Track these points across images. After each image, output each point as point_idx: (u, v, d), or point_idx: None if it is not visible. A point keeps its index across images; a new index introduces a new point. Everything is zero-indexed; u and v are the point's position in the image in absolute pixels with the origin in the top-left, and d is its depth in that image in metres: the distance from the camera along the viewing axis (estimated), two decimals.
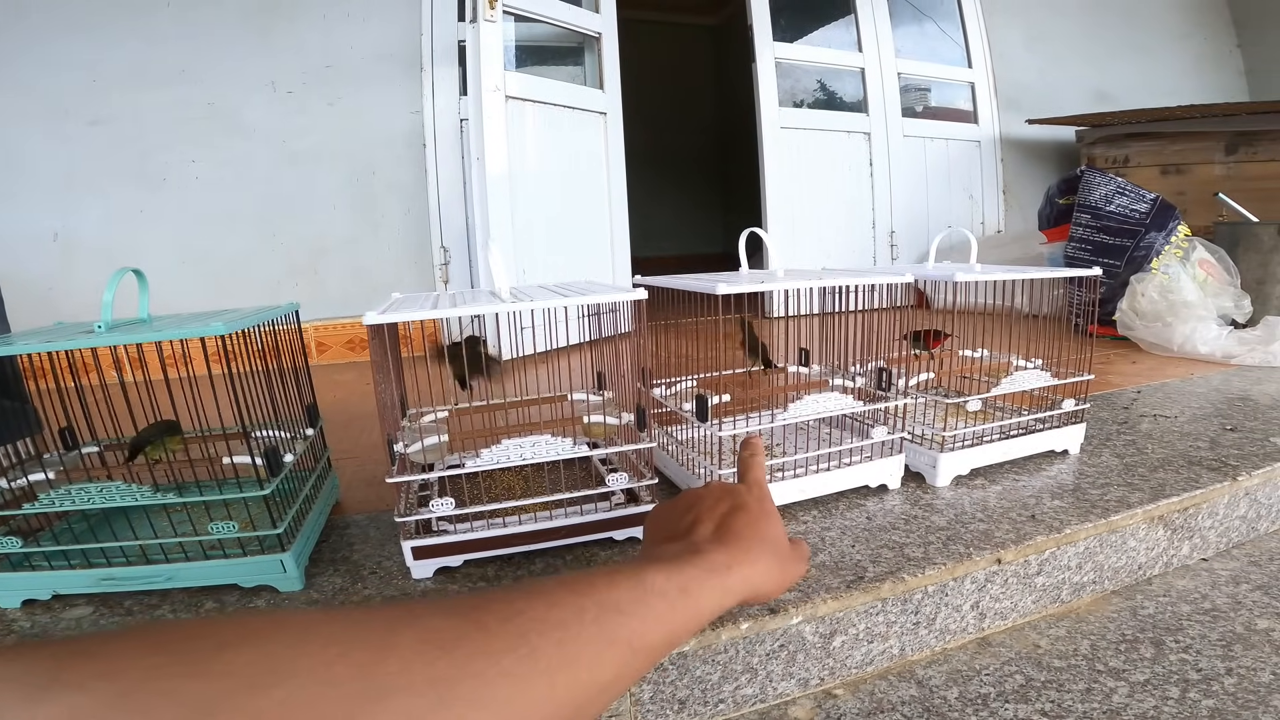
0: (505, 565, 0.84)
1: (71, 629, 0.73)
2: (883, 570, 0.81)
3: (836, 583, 0.78)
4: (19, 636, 0.72)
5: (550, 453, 0.78)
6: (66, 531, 0.87)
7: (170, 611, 0.76)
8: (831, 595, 0.76)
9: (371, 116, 2.61)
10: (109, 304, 0.77)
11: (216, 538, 0.76)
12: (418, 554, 0.79)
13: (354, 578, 0.82)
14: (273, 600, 0.78)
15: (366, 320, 0.70)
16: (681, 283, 0.91)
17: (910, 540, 0.88)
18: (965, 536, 0.88)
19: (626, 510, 0.85)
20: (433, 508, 0.77)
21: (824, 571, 0.81)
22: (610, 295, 0.77)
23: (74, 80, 2.30)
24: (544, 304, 0.75)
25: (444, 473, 0.79)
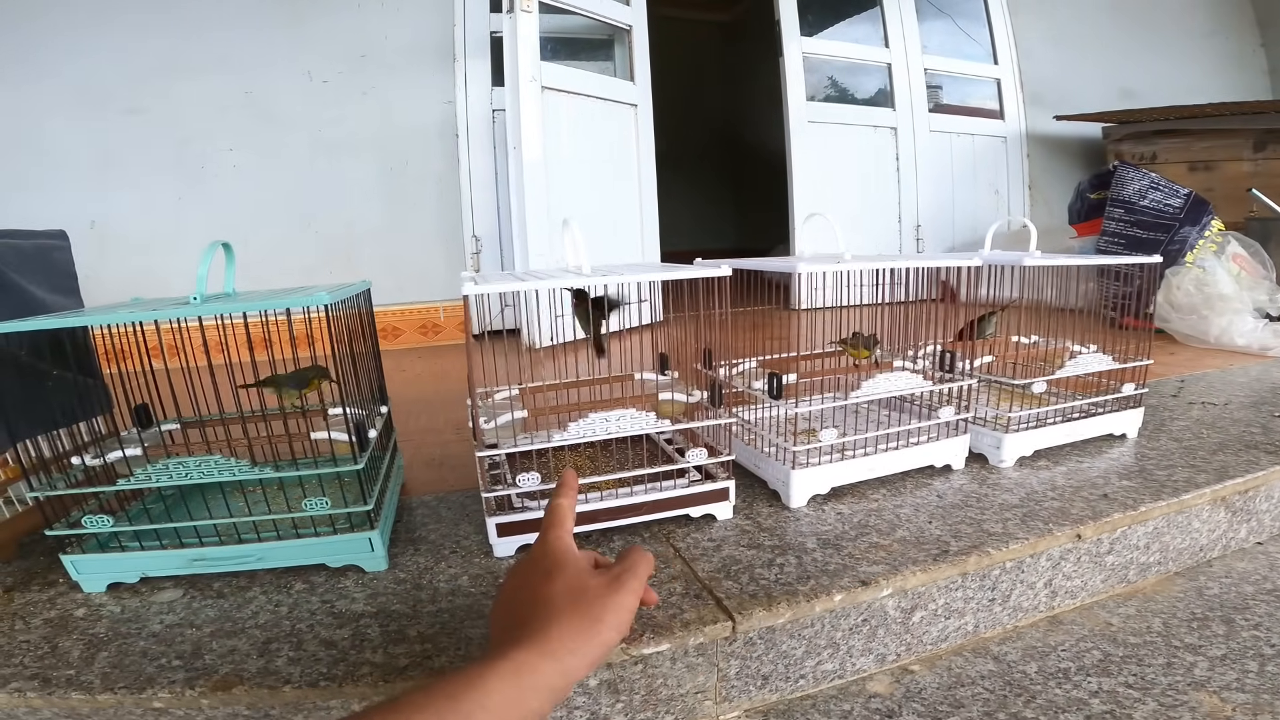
0: (584, 541, 0.85)
1: (164, 613, 0.73)
2: (965, 545, 0.82)
3: (922, 556, 0.80)
4: (110, 622, 0.71)
5: (634, 426, 0.79)
6: (142, 513, 0.89)
7: (261, 593, 0.76)
8: (919, 568, 0.77)
9: (404, 107, 2.62)
10: (204, 276, 0.78)
11: (310, 514, 0.76)
12: (501, 530, 0.80)
13: (435, 557, 0.83)
14: (360, 580, 0.78)
15: (465, 291, 0.71)
16: (761, 264, 0.92)
17: (986, 516, 0.89)
18: (1041, 513, 0.90)
19: (704, 486, 0.87)
20: (519, 482, 0.79)
21: (906, 546, 0.82)
22: (696, 272, 0.78)
23: (111, 70, 2.32)
24: (639, 277, 0.76)
25: (527, 446, 0.80)
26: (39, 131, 2.28)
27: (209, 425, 0.93)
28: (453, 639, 0.66)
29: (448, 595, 0.74)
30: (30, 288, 0.91)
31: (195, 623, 0.71)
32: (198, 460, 0.73)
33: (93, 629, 0.70)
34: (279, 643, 0.66)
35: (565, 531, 0.59)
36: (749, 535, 0.86)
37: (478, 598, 0.74)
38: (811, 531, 0.87)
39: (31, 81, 2.27)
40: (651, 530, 0.87)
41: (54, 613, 0.74)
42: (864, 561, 0.79)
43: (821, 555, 0.81)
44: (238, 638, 0.68)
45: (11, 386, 0.77)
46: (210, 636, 0.68)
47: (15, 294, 0.89)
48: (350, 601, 0.74)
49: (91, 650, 0.66)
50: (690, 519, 0.89)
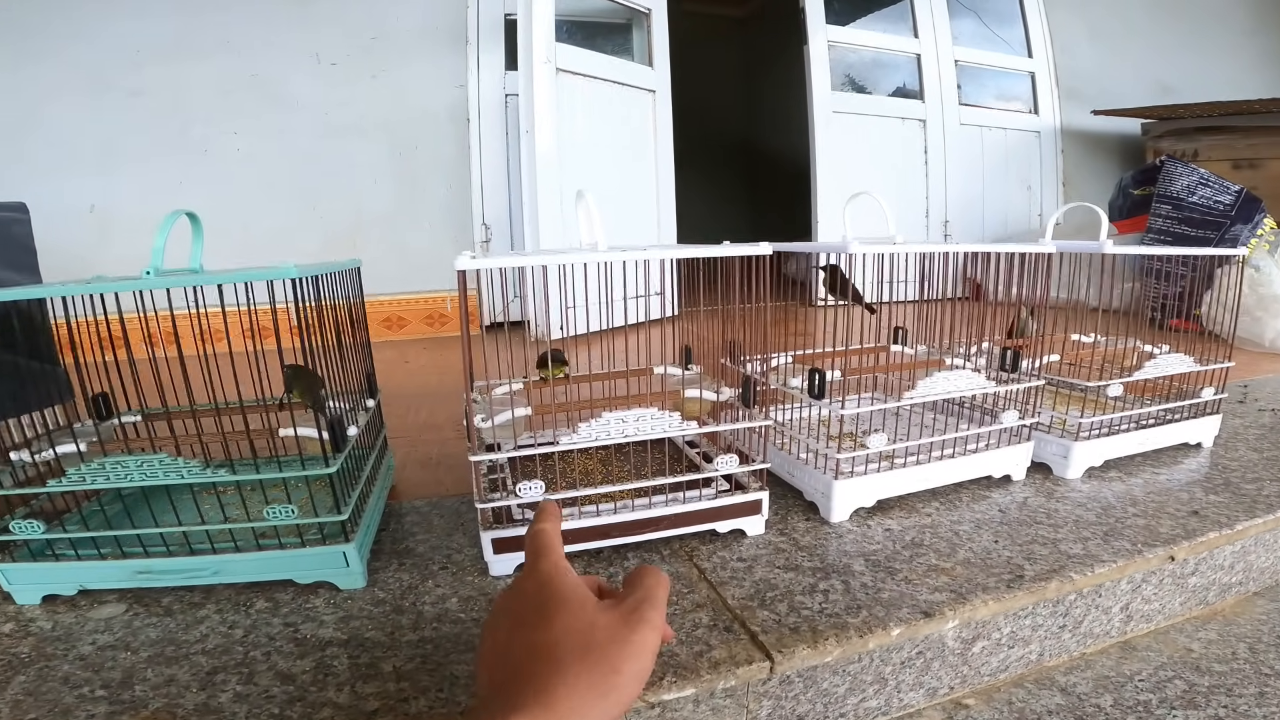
0: (595, 560, 0.74)
1: (99, 632, 0.63)
2: (1043, 569, 0.71)
3: (993, 582, 0.68)
4: (36, 641, 0.61)
5: (655, 429, 0.68)
6: (97, 514, 0.78)
7: (216, 612, 0.65)
8: (991, 597, 0.66)
9: (415, 90, 2.52)
10: (160, 249, 0.68)
11: (272, 524, 0.65)
12: (498, 547, 0.69)
13: (422, 573, 0.72)
14: (331, 599, 0.68)
15: (459, 265, 0.60)
16: (806, 246, 0.81)
17: (1062, 535, 0.78)
18: (1125, 532, 0.79)
19: (734, 498, 0.75)
20: (520, 492, 0.68)
21: (972, 569, 0.71)
22: (734, 251, 0.67)
23: (115, 52, 2.23)
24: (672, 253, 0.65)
25: (531, 449, 0.69)
26: (40, 113, 2.20)
27: (176, 418, 0.82)
28: (434, 677, 0.55)
29: (432, 621, 0.63)
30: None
31: (132, 645, 0.60)
32: (139, 460, 0.62)
33: (16, 647, 0.60)
34: (226, 674, 0.56)
35: (558, 557, 0.47)
36: (785, 555, 0.75)
37: (467, 625, 0.63)
38: (857, 551, 0.76)
39: (33, 63, 2.18)
40: (671, 547, 0.76)
41: None
42: (923, 588, 0.68)
43: (872, 580, 0.70)
44: (178, 665, 0.57)
45: None
46: (147, 662, 0.58)
47: None
48: (318, 625, 0.63)
49: (8, 673, 0.57)
50: (716, 534, 0.78)
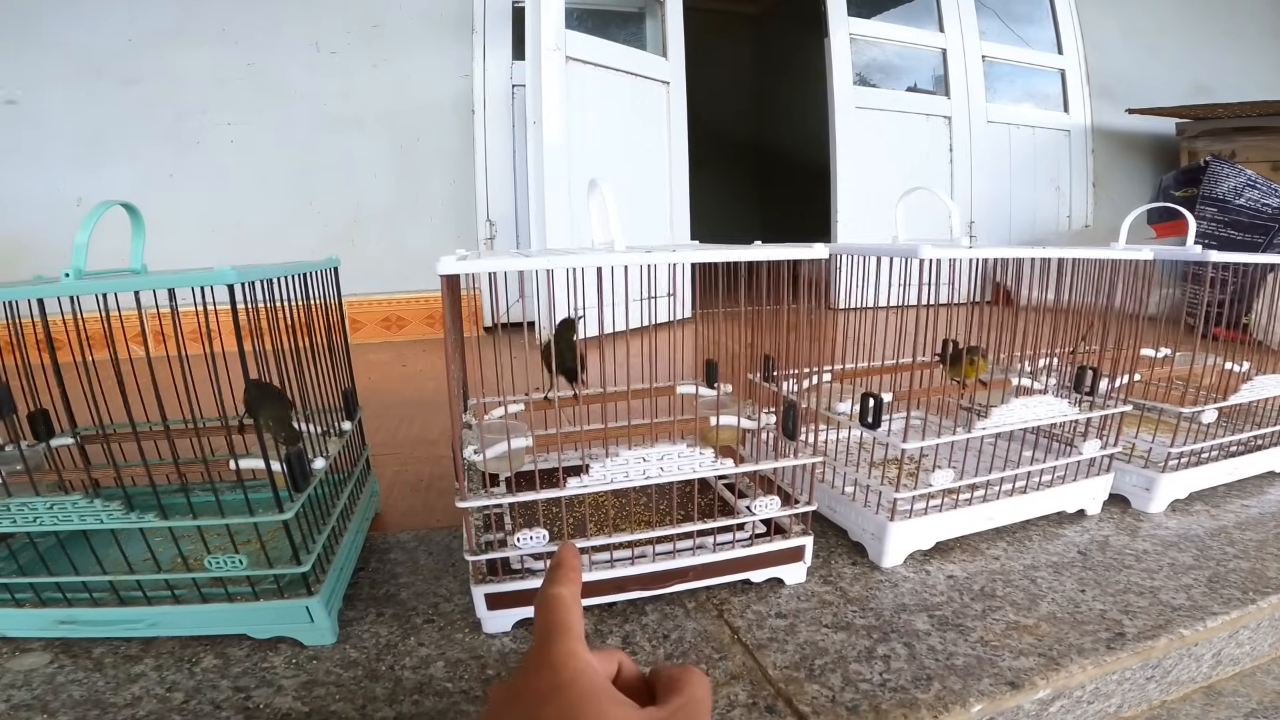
0: (608, 616, 0.62)
1: (15, 687, 0.53)
2: (1147, 625, 0.60)
3: (1088, 642, 0.58)
4: None
5: (683, 469, 0.56)
6: (9, 558, 0.67)
7: (153, 669, 0.55)
8: (1089, 661, 0.55)
9: (418, 80, 2.40)
10: (82, 246, 0.56)
11: (213, 574, 0.54)
12: (493, 602, 0.57)
13: (404, 627, 0.61)
14: (293, 657, 0.56)
15: (442, 269, 0.49)
16: (871, 249, 0.69)
17: (1159, 583, 0.67)
18: (1230, 577, 0.68)
19: (772, 545, 0.63)
20: (518, 542, 0.56)
21: (1060, 626, 0.60)
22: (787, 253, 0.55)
23: (107, 38, 2.12)
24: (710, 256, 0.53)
25: (529, 496, 0.56)
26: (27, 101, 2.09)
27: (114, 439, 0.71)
28: None
29: (412, 693, 0.52)
30: None
31: (50, 706, 0.50)
32: (48, 501, 0.51)
33: None
34: None
35: (581, 644, 0.35)
36: (833, 609, 0.63)
37: (454, 699, 0.51)
38: (918, 604, 0.64)
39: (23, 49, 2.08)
40: (698, 599, 0.64)
41: None
42: (1006, 652, 0.57)
43: (941, 642, 0.58)
44: None
45: None
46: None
47: None
48: (274, 691, 0.52)
49: None
50: (749, 583, 0.66)
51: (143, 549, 0.60)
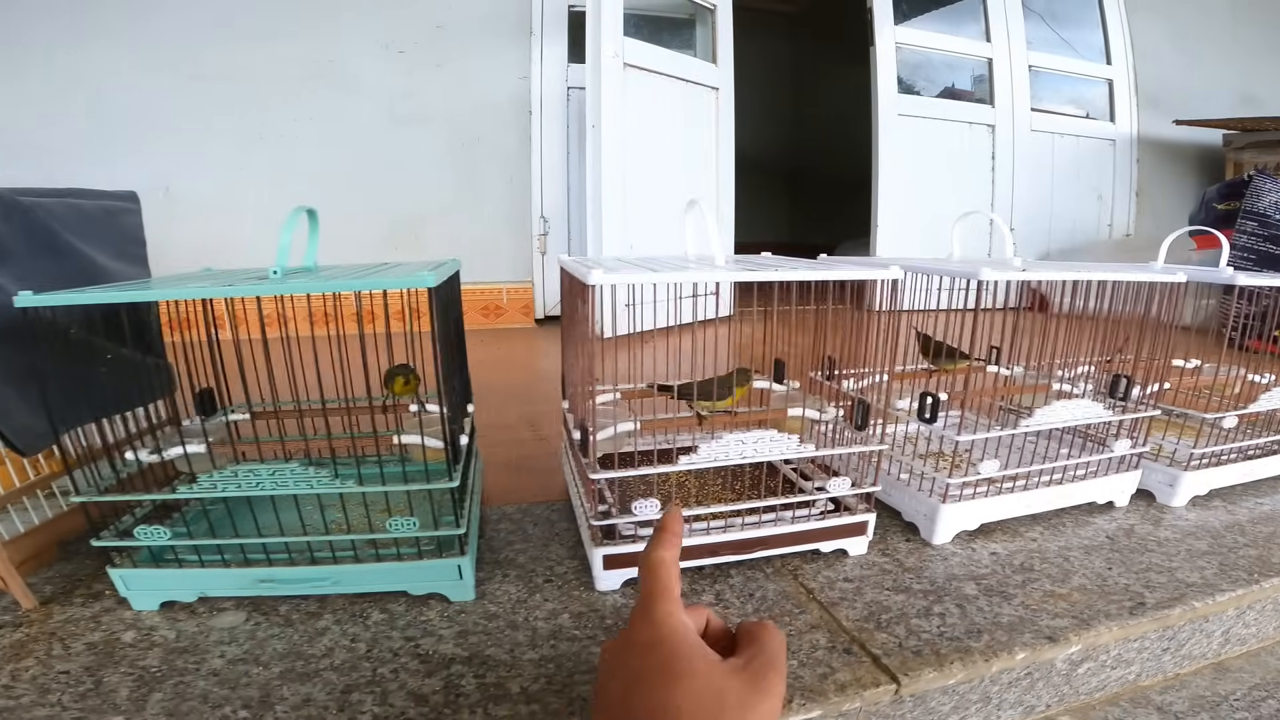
0: (700, 577, 0.72)
1: (225, 643, 0.62)
2: (1164, 597, 0.70)
3: (1114, 609, 0.68)
4: (163, 653, 0.60)
5: (774, 451, 0.67)
6: (200, 516, 0.77)
7: (335, 623, 0.65)
8: (1115, 623, 0.66)
9: (478, 80, 2.52)
10: (286, 247, 0.68)
11: (394, 535, 0.65)
12: (608, 563, 0.68)
13: (528, 586, 0.72)
14: (444, 611, 0.67)
15: (592, 280, 0.59)
16: (938, 268, 0.79)
17: (1177, 564, 0.77)
18: (1239, 562, 0.78)
19: (840, 519, 0.74)
20: (635, 510, 0.67)
21: (1090, 596, 0.71)
22: (865, 273, 0.65)
23: (192, 33, 2.25)
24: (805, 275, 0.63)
25: (651, 470, 0.67)
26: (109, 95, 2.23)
27: (284, 416, 0.83)
28: (563, 699, 0.54)
29: (549, 639, 0.63)
30: (91, 253, 0.81)
31: (261, 659, 0.59)
32: (272, 468, 0.62)
33: (143, 659, 0.59)
34: (360, 693, 0.55)
35: (677, 604, 0.44)
36: (891, 576, 0.73)
37: (584, 643, 0.62)
38: (966, 574, 0.74)
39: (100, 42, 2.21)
40: (774, 565, 0.75)
41: (98, 635, 0.63)
42: (1044, 614, 0.67)
43: (987, 604, 0.69)
44: (312, 683, 0.56)
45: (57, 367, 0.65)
46: (280, 679, 0.57)
47: (73, 259, 0.79)
48: (437, 640, 0.62)
49: (143, 690, 0.55)
50: (818, 554, 0.77)
51: (314, 513, 0.70)
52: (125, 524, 0.67)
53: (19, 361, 0.68)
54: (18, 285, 0.69)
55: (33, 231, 0.74)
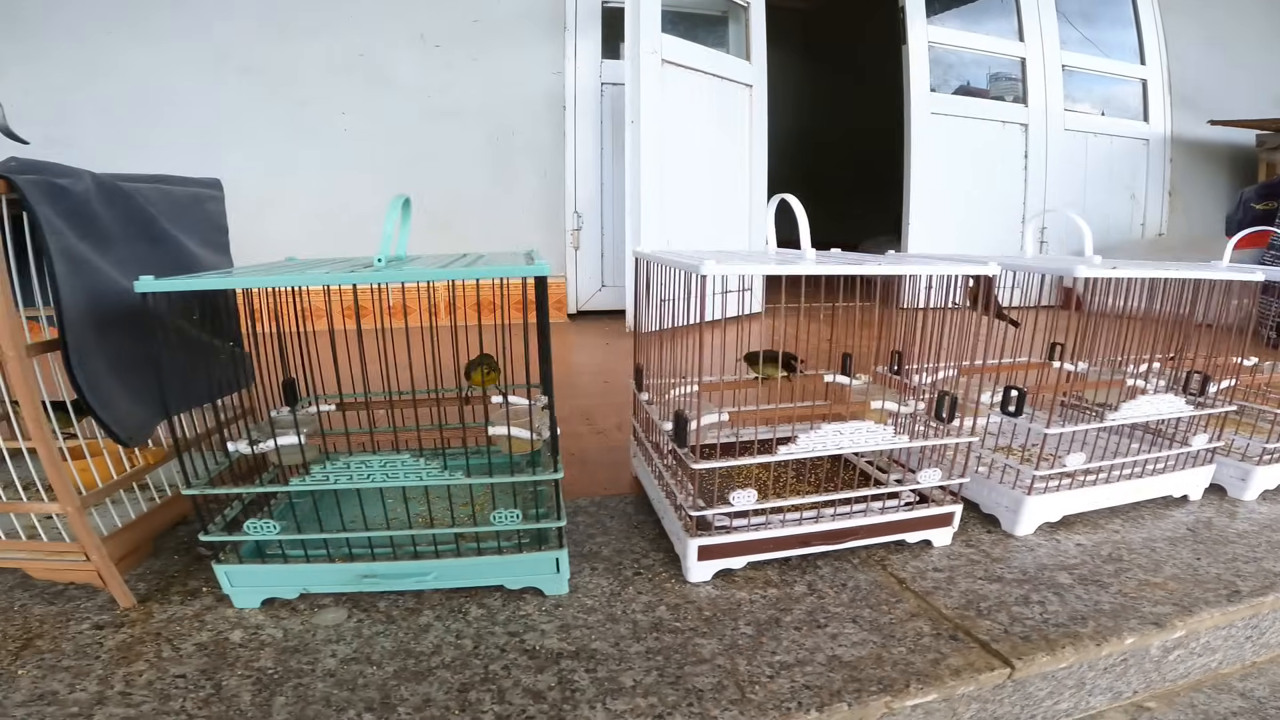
0: (787, 569, 0.73)
1: (333, 641, 0.62)
2: (1257, 585, 0.72)
3: (1210, 597, 0.70)
4: (275, 653, 0.60)
5: (870, 442, 0.68)
6: (287, 510, 0.78)
7: (435, 618, 0.65)
8: (1216, 610, 0.67)
9: (513, 75, 2.53)
10: (389, 236, 0.69)
11: (497, 528, 0.65)
12: (702, 554, 0.69)
13: (617, 578, 0.72)
14: (541, 605, 0.67)
15: (705, 271, 0.60)
16: (1040, 264, 0.79)
17: (1261, 554, 0.79)
18: None
19: (928, 510, 0.74)
20: (732, 500, 0.67)
21: (1185, 585, 0.72)
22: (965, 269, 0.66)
23: (235, 28, 2.27)
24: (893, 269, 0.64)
25: (749, 460, 0.68)
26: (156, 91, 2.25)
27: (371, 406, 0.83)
28: (679, 691, 0.55)
29: (650, 631, 0.63)
30: (183, 239, 0.82)
31: (373, 658, 0.60)
32: (383, 460, 0.62)
33: (257, 660, 0.59)
34: (477, 691, 0.56)
35: None
36: (980, 566, 0.74)
37: (687, 635, 0.63)
38: (1055, 564, 0.75)
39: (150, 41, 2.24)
40: (860, 556, 0.76)
41: (205, 635, 0.63)
42: (1143, 601, 0.69)
43: (1085, 593, 0.70)
44: (428, 682, 0.57)
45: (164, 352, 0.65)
46: (395, 679, 0.57)
47: (167, 246, 0.80)
48: (540, 635, 0.63)
49: (265, 694, 0.55)
50: (903, 545, 0.77)
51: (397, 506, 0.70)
52: (229, 515, 0.67)
53: (123, 350, 0.69)
54: (118, 271, 0.71)
55: (132, 217, 0.75)
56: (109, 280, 0.68)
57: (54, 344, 0.63)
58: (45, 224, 0.60)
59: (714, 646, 0.61)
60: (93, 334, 0.65)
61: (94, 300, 0.66)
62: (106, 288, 0.68)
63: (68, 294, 0.62)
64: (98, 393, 0.64)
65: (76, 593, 0.69)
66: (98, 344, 0.65)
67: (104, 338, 0.66)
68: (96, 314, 0.65)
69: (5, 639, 0.62)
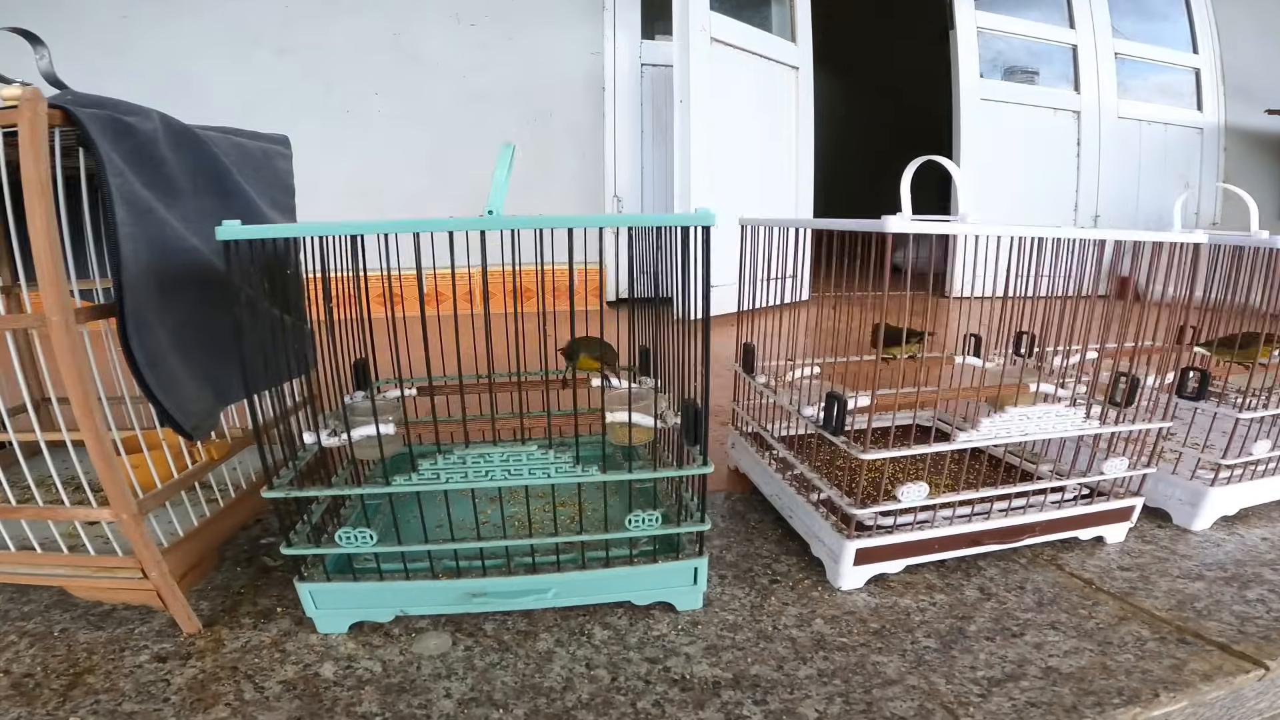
0: (946, 571, 0.64)
1: (442, 677, 0.51)
2: None
3: None
4: (378, 693, 0.49)
5: (1058, 428, 0.59)
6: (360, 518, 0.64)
7: (555, 644, 0.55)
8: None
9: (551, 55, 2.44)
10: (503, 184, 0.60)
11: (632, 534, 0.55)
12: (859, 558, 0.60)
13: (754, 589, 0.63)
14: (676, 623, 0.57)
15: (890, 226, 0.51)
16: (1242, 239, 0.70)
17: None
18: None
19: (1108, 504, 0.66)
20: (901, 496, 0.59)
21: None
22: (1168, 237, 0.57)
23: (268, 7, 2.19)
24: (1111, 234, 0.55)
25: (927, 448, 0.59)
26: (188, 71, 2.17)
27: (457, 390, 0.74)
28: None
29: (814, 649, 0.54)
30: (253, 196, 0.74)
31: (494, 697, 0.49)
32: (504, 452, 0.52)
33: (359, 704, 0.49)
34: None
35: None
36: (1170, 563, 0.66)
37: (860, 652, 0.54)
38: (1253, 560, 0.67)
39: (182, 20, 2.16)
40: (1026, 555, 0.67)
41: (291, 670, 0.52)
42: None
43: None
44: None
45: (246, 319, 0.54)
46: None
47: (238, 202, 0.70)
48: (686, 661, 0.53)
49: None
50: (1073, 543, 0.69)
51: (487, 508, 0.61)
52: (310, 524, 0.56)
53: (189, 321, 0.59)
54: (185, 227, 0.61)
55: (202, 166, 0.65)
56: (175, 235, 0.58)
57: (109, 309, 0.52)
58: (107, 163, 0.50)
59: (898, 664, 0.52)
60: (155, 298, 0.54)
61: (159, 257, 0.55)
62: (173, 244, 0.57)
63: (129, 248, 0.51)
64: (158, 371, 0.53)
65: (127, 614, 0.58)
66: (160, 311, 0.55)
67: (168, 304, 0.56)
68: (160, 274, 0.55)
69: (48, 674, 0.51)
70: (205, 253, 0.61)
